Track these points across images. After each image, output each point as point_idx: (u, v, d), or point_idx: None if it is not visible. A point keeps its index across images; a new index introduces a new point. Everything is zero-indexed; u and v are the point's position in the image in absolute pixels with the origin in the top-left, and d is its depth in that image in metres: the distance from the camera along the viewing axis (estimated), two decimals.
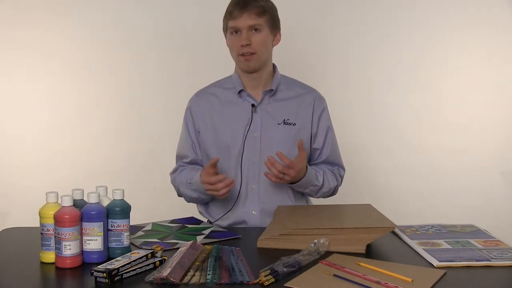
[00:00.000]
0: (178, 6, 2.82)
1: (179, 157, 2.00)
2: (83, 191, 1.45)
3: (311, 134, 1.95)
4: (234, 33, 1.84)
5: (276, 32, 1.91)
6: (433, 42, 2.87)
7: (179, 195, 1.99)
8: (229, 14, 1.84)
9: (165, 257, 1.38)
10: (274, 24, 1.89)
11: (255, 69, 1.88)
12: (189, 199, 1.95)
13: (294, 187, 1.87)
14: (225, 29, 1.90)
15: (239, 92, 1.92)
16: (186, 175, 1.91)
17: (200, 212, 2.00)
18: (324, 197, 1.97)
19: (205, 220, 1.95)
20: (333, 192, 1.97)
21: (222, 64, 2.12)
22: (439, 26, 2.86)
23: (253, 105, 1.91)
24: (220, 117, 1.92)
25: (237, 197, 1.89)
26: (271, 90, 1.92)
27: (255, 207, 1.89)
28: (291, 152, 1.80)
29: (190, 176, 1.88)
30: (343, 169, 2.02)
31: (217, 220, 1.91)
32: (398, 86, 2.91)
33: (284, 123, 1.91)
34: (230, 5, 1.86)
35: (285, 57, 2.02)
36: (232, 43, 1.86)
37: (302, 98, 1.96)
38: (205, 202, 1.95)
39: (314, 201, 2.06)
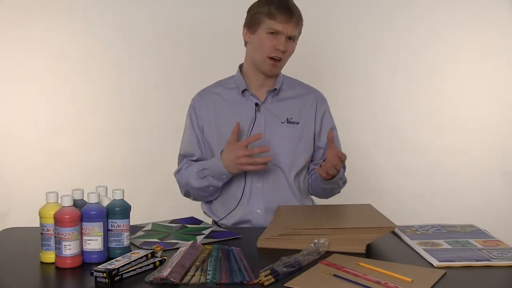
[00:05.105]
0: (179, 5, 2.82)
1: (183, 157, 1.98)
2: (83, 191, 1.45)
3: (315, 133, 1.96)
4: (271, 34, 1.83)
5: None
6: (433, 42, 2.87)
7: (185, 193, 1.97)
8: (272, 15, 1.82)
9: (165, 257, 1.38)
10: (299, 35, 1.92)
11: (274, 75, 1.91)
12: (196, 192, 1.92)
13: (330, 182, 1.85)
14: (256, 24, 1.86)
15: (243, 91, 1.93)
16: (196, 166, 1.90)
17: (205, 212, 1.99)
18: (334, 194, 2.00)
19: (209, 220, 1.96)
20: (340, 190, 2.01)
21: (223, 64, 2.13)
22: (439, 27, 2.87)
23: (256, 104, 1.91)
24: (224, 116, 1.92)
25: (241, 196, 1.89)
26: (275, 89, 1.93)
27: (260, 205, 1.89)
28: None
29: (202, 164, 1.87)
30: (345, 168, 2.03)
31: (221, 219, 1.91)
32: (399, 86, 2.91)
33: (288, 122, 1.92)
34: (272, 6, 1.82)
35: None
36: (267, 43, 1.84)
37: (304, 97, 1.98)
38: (211, 195, 1.92)
39: (319, 200, 2.06)
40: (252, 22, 1.88)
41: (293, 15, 1.83)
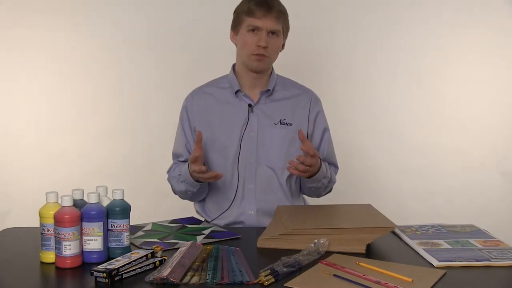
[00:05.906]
0: (179, 5, 2.82)
1: (175, 155, 2.00)
2: (83, 191, 1.45)
3: (307, 134, 1.95)
4: (251, 31, 1.84)
5: (285, 39, 1.93)
6: (433, 43, 2.86)
7: (174, 192, 1.99)
8: (250, 12, 1.83)
9: (165, 257, 1.38)
10: (286, 31, 1.92)
11: (262, 71, 1.90)
12: (181, 195, 1.95)
13: (311, 180, 1.83)
14: (238, 24, 1.88)
15: (236, 92, 1.92)
16: (178, 169, 1.92)
17: (197, 211, 2.00)
18: (325, 193, 1.98)
19: (202, 219, 1.95)
20: (330, 189, 1.99)
21: (221, 63, 2.12)
22: (439, 27, 2.86)
23: (250, 105, 1.91)
24: (217, 117, 1.92)
25: (234, 197, 1.89)
26: (268, 90, 1.93)
27: (252, 206, 1.89)
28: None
29: (180, 169, 1.89)
30: (337, 168, 2.03)
31: (213, 219, 1.91)
32: (399, 87, 2.90)
33: (281, 123, 1.92)
34: (252, 3, 1.84)
35: (286, 58, 2.02)
36: (249, 41, 1.84)
37: (298, 98, 1.97)
38: (194, 196, 1.93)
39: (312, 201, 2.06)
40: (235, 23, 1.90)
41: (271, 10, 1.82)
